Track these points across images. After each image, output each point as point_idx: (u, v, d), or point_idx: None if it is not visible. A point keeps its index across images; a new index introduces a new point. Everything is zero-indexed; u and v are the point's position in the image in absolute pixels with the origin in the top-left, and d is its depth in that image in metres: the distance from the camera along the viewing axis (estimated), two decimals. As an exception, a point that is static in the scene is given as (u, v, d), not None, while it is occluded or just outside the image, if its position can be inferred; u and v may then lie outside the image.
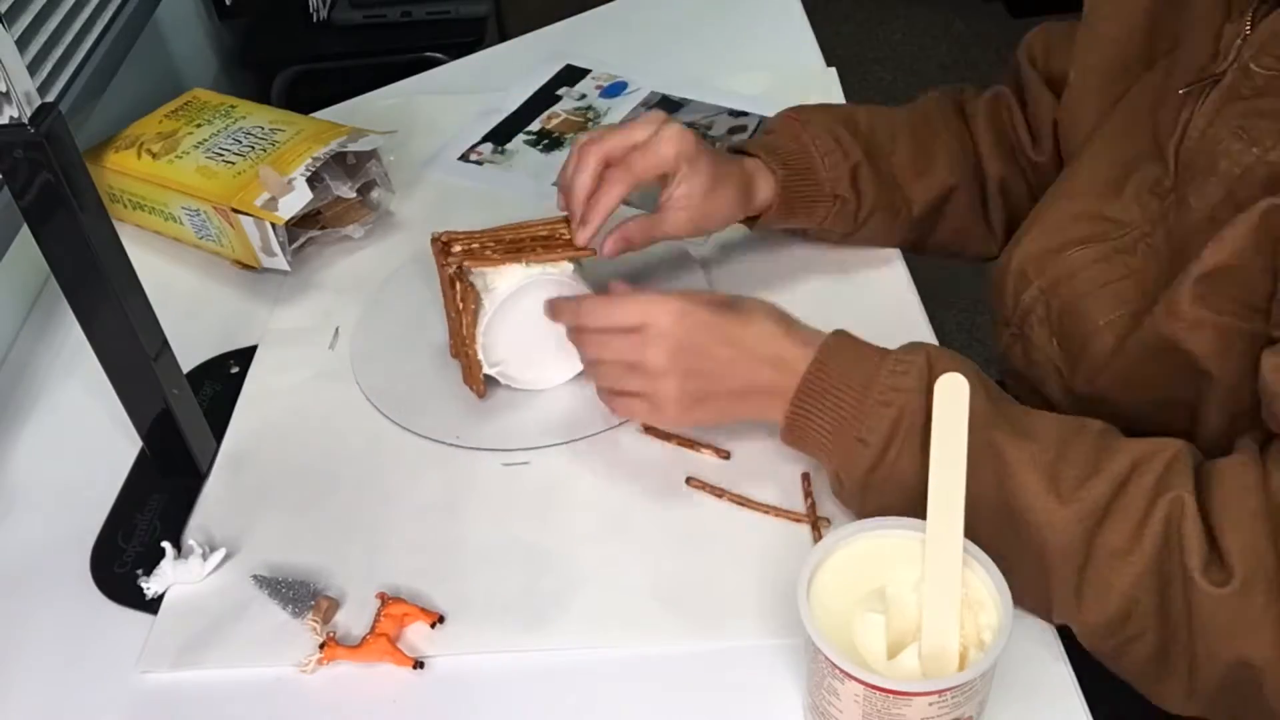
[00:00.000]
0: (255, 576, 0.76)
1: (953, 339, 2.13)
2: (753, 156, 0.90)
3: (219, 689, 0.71)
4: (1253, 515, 0.62)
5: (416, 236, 1.06)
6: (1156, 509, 0.63)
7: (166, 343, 0.80)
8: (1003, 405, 0.70)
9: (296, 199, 0.96)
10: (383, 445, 0.86)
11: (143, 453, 0.86)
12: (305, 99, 1.28)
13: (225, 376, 0.93)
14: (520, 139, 1.18)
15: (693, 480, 0.80)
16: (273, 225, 0.95)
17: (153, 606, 0.76)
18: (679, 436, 0.83)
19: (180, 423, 0.81)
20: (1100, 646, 0.67)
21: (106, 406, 0.84)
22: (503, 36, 2.25)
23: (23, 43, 1.14)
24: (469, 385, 0.87)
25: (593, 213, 0.83)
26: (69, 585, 0.78)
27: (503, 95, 1.25)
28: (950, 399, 0.60)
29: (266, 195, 0.96)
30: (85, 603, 0.77)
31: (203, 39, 1.86)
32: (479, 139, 1.19)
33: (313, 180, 0.98)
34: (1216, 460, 0.66)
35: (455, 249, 0.83)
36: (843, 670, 0.57)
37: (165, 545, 0.77)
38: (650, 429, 0.83)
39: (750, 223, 0.93)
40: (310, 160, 0.99)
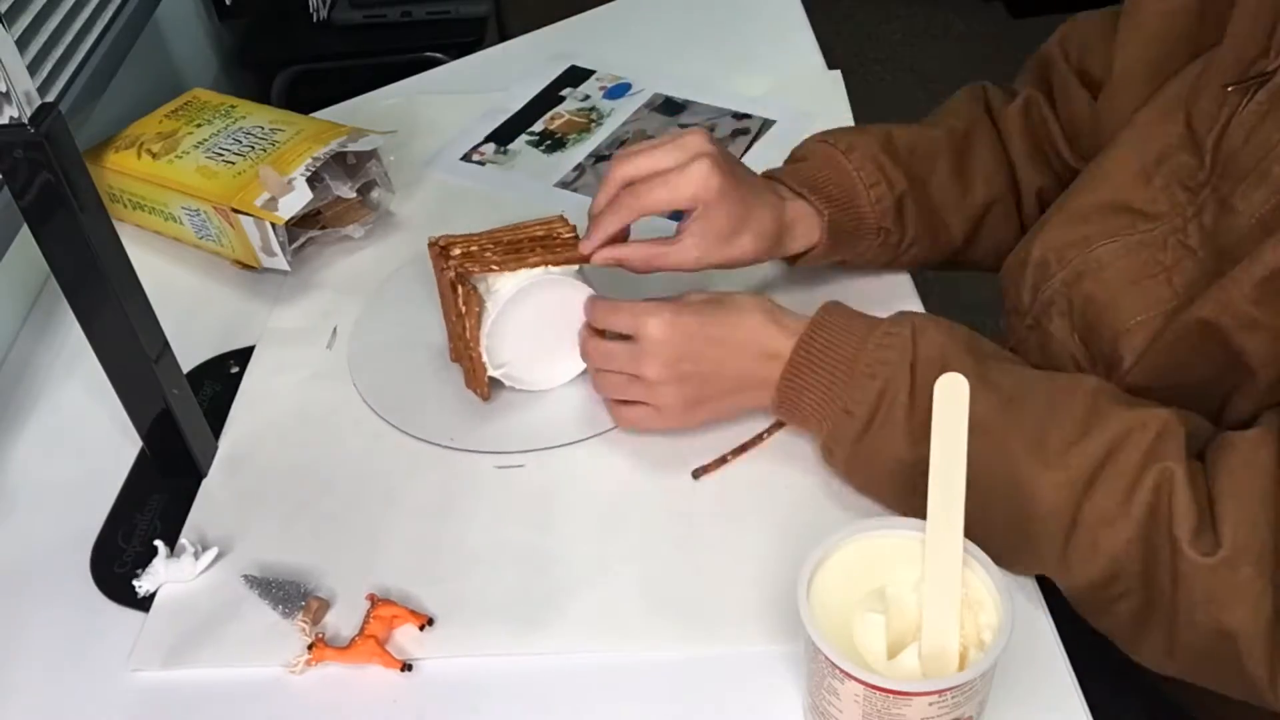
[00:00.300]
0: (246, 576, 0.76)
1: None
2: (795, 194, 0.86)
3: (212, 689, 0.71)
4: (1257, 494, 0.62)
5: (417, 236, 1.06)
6: (1146, 476, 0.64)
7: (167, 344, 0.80)
8: (989, 369, 0.71)
9: (296, 199, 0.96)
10: (378, 446, 0.85)
11: (143, 453, 0.86)
12: (305, 99, 1.28)
13: (225, 376, 0.93)
14: (523, 139, 1.18)
15: (699, 470, 0.80)
16: (273, 225, 0.95)
17: (151, 606, 0.76)
18: (732, 451, 0.82)
19: (180, 423, 0.81)
20: (1083, 604, 0.69)
21: (106, 406, 0.84)
22: (503, 36, 2.25)
23: (23, 43, 1.14)
24: (473, 389, 0.87)
25: (595, 231, 0.82)
26: (69, 585, 0.78)
27: (505, 95, 1.25)
28: (950, 399, 0.60)
29: (266, 195, 0.96)
30: (85, 602, 0.77)
31: (203, 39, 1.86)
32: (481, 139, 1.19)
33: (313, 180, 0.98)
34: (1231, 434, 0.66)
35: (454, 252, 0.83)
36: (842, 670, 0.57)
37: (157, 544, 0.77)
38: (703, 469, 0.81)
39: (791, 260, 0.90)
40: (310, 160, 0.99)
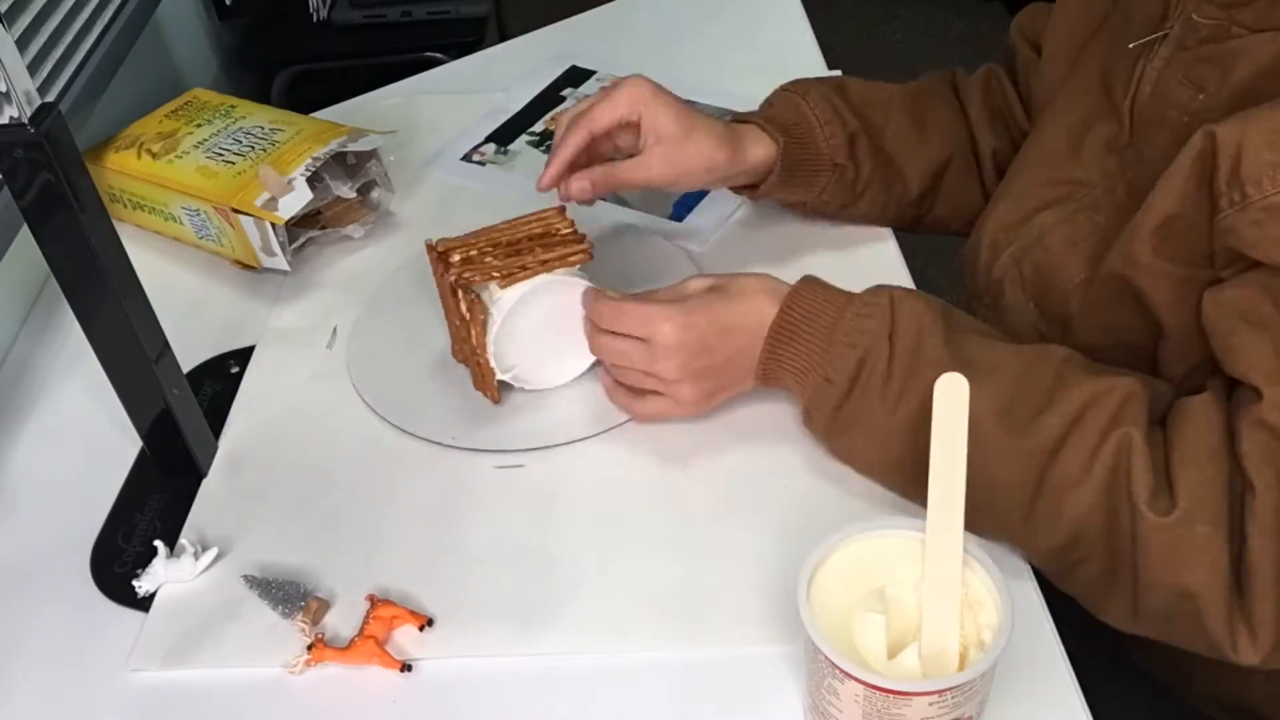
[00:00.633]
0: (246, 576, 0.76)
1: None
2: (749, 122, 0.91)
3: (211, 689, 0.71)
4: (1208, 452, 0.64)
5: (417, 236, 1.06)
6: (1108, 442, 0.66)
7: (167, 344, 0.80)
8: (964, 341, 0.72)
9: (296, 199, 0.96)
10: (378, 446, 0.85)
11: (143, 453, 0.86)
12: (305, 99, 1.28)
13: (225, 376, 0.93)
14: (523, 140, 1.18)
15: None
16: (273, 225, 0.95)
17: (150, 607, 0.76)
18: None
19: (180, 423, 0.81)
20: (1048, 568, 0.70)
21: (106, 406, 0.84)
22: (503, 36, 2.25)
23: (23, 43, 1.14)
24: (482, 392, 0.86)
25: (553, 160, 0.86)
26: (69, 585, 0.78)
27: (506, 95, 1.25)
28: (950, 399, 0.60)
29: (266, 195, 0.96)
30: (85, 602, 0.77)
31: (203, 39, 1.86)
32: (482, 139, 1.19)
33: (313, 180, 0.98)
34: (1185, 398, 0.68)
35: (454, 259, 0.82)
36: (842, 670, 0.57)
37: (157, 544, 0.77)
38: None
39: (749, 192, 0.93)
40: (310, 160, 0.98)
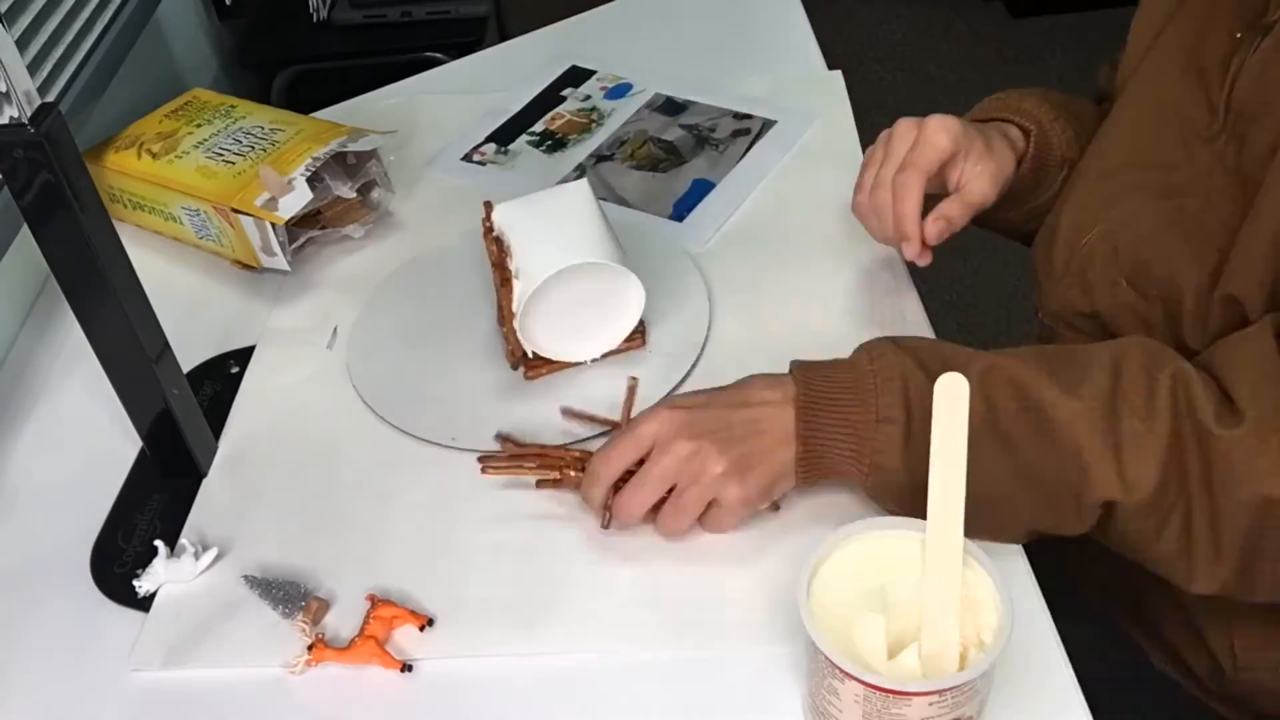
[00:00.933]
0: (246, 576, 0.76)
1: (952, 339, 2.13)
2: (999, 120, 0.90)
3: (211, 689, 0.71)
4: (1266, 371, 0.64)
5: (417, 236, 1.06)
6: (1160, 383, 0.66)
7: (167, 344, 0.80)
8: (970, 348, 0.72)
9: (296, 199, 0.96)
10: (378, 446, 0.85)
11: (143, 453, 0.86)
12: (305, 99, 1.28)
13: (225, 376, 0.93)
14: (523, 139, 1.18)
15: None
16: (273, 225, 0.95)
17: (150, 607, 0.76)
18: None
19: (180, 423, 0.81)
20: (1142, 527, 0.67)
21: (106, 406, 0.84)
22: (503, 36, 2.25)
23: (23, 43, 1.14)
24: (514, 357, 0.87)
25: (904, 224, 0.83)
26: (69, 585, 0.78)
27: (506, 95, 1.25)
28: (950, 399, 0.60)
29: (266, 195, 0.96)
30: (85, 602, 0.77)
31: (203, 39, 1.86)
32: (482, 139, 1.19)
33: (313, 180, 0.98)
34: (1228, 336, 0.69)
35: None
36: (842, 670, 0.57)
37: (158, 544, 0.77)
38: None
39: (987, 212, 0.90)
40: (310, 160, 0.98)
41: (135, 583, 0.76)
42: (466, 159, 1.16)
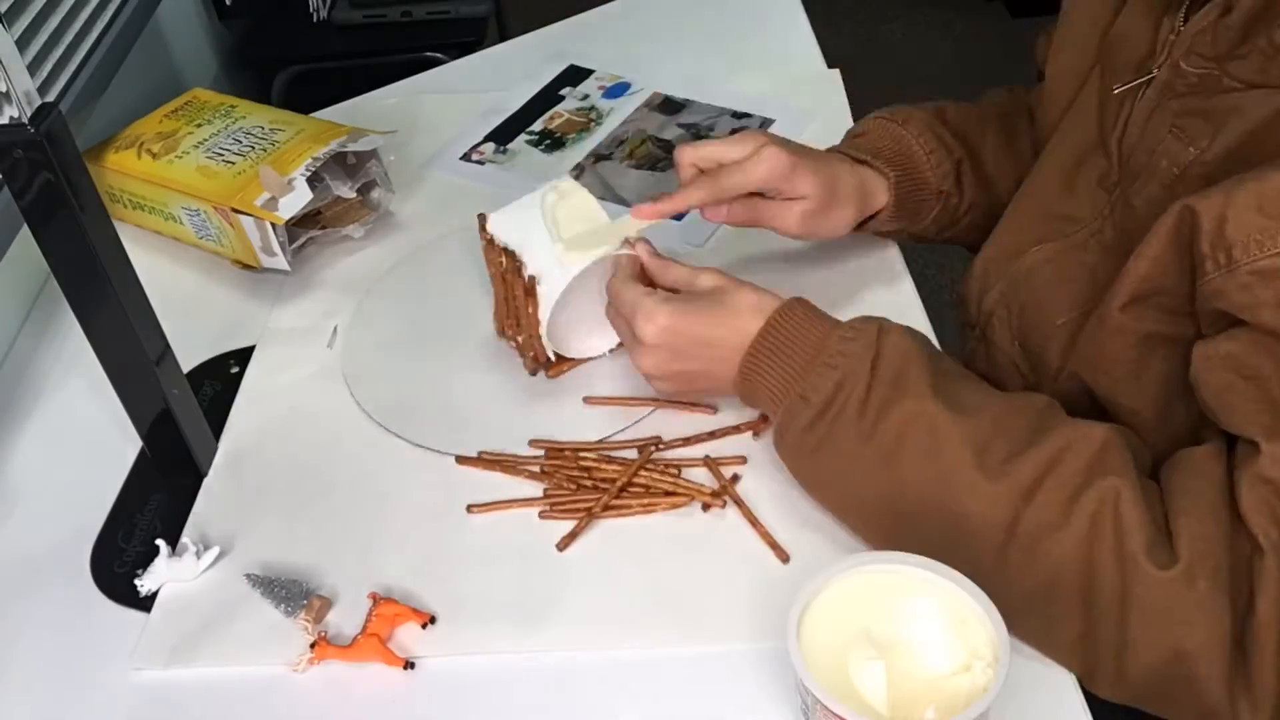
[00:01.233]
0: (248, 575, 0.76)
1: (953, 341, 2.12)
2: (859, 162, 0.89)
3: (211, 687, 0.71)
4: (1209, 506, 0.63)
5: (417, 236, 1.06)
6: (1089, 491, 0.64)
7: (167, 344, 0.80)
8: (948, 380, 0.71)
9: (296, 199, 0.96)
10: (380, 445, 0.85)
11: (143, 453, 0.86)
12: (305, 99, 1.28)
13: (225, 376, 0.93)
14: (522, 139, 1.18)
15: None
16: (273, 225, 0.95)
17: (152, 605, 0.76)
18: (671, 401, 0.85)
19: (180, 423, 0.81)
20: (1023, 623, 0.66)
21: (106, 406, 0.84)
22: (503, 36, 2.25)
23: (23, 43, 1.14)
24: (529, 361, 0.88)
25: (665, 202, 0.84)
26: (69, 585, 0.78)
27: (505, 95, 1.25)
28: None
29: (266, 195, 0.96)
30: (85, 602, 0.77)
31: (203, 39, 1.86)
32: (481, 139, 1.19)
33: (313, 180, 0.98)
34: (1184, 450, 0.67)
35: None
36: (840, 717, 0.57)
37: (159, 543, 0.77)
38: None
39: (856, 228, 0.92)
40: (310, 160, 0.98)
41: (137, 581, 0.76)
42: (466, 158, 1.16)
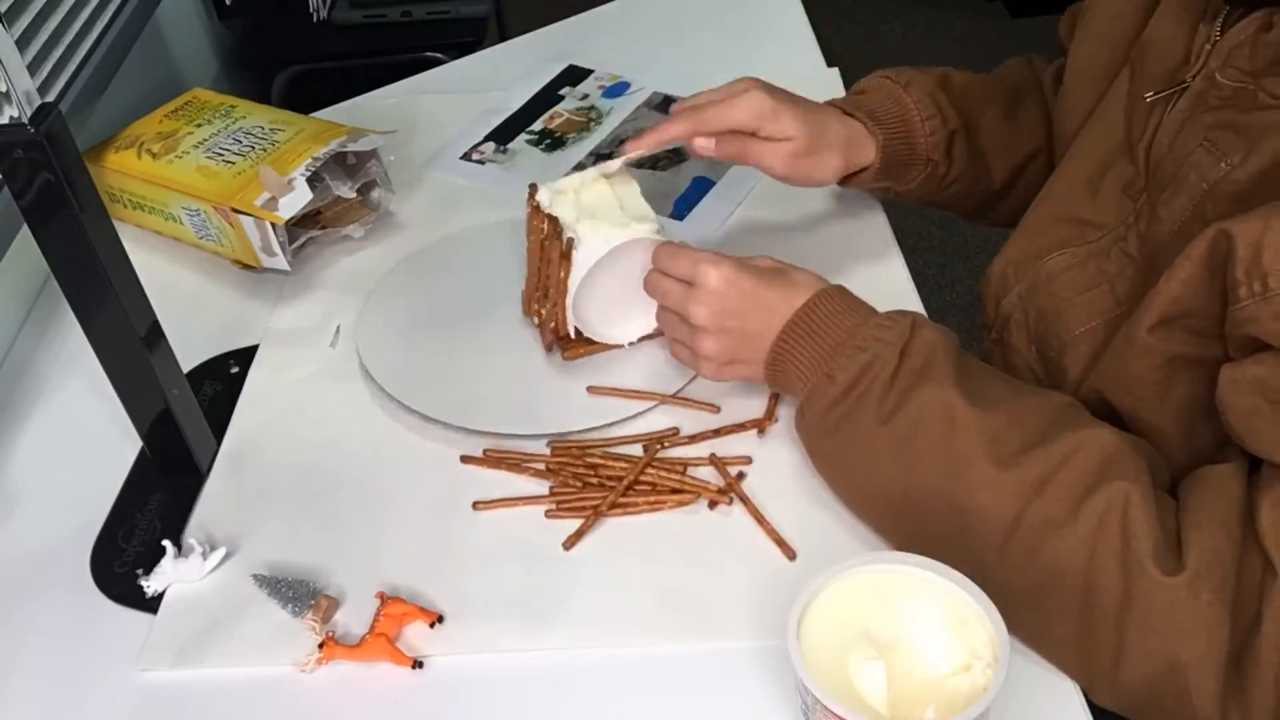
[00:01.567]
0: (255, 575, 0.76)
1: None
2: (853, 118, 0.90)
3: (218, 688, 0.71)
4: (1221, 520, 0.62)
5: (417, 236, 1.06)
6: (1099, 492, 0.64)
7: (167, 344, 0.79)
8: (972, 374, 0.72)
9: (296, 199, 0.96)
10: (383, 445, 0.85)
11: (143, 453, 0.86)
12: (305, 99, 1.28)
13: (225, 376, 0.93)
14: (522, 139, 1.18)
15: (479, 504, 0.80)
16: (273, 225, 0.95)
17: (153, 606, 0.76)
18: (673, 398, 0.85)
19: (180, 422, 0.81)
20: (1020, 619, 0.65)
21: (106, 406, 0.84)
22: (503, 36, 2.25)
23: (23, 43, 1.14)
24: (550, 341, 0.88)
25: (649, 134, 0.85)
26: (69, 585, 0.78)
27: (505, 95, 1.25)
28: None
29: (266, 195, 0.96)
30: (85, 602, 0.77)
31: (203, 39, 1.86)
32: (481, 138, 1.19)
33: (313, 180, 0.98)
34: (1206, 466, 0.67)
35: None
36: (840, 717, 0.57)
37: (166, 544, 0.77)
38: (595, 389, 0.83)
39: (843, 181, 0.93)
40: (310, 160, 0.98)
41: (143, 582, 0.76)
42: (466, 158, 1.16)
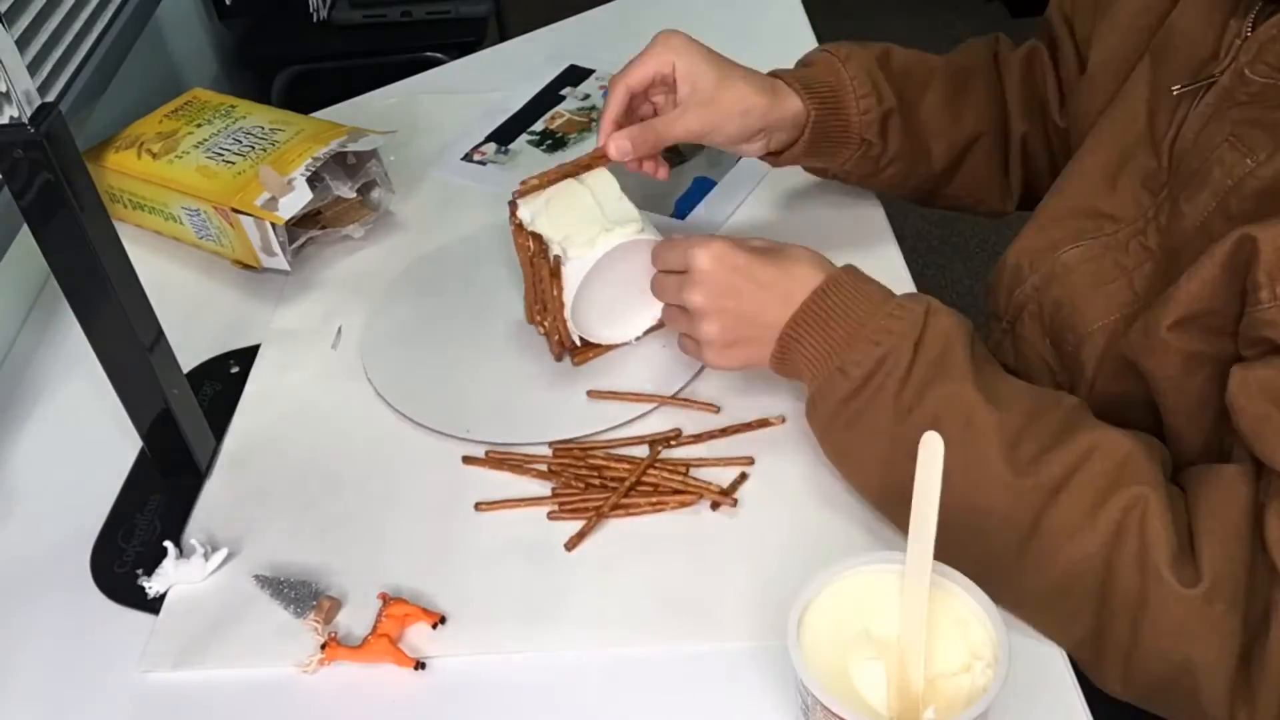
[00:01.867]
0: (257, 576, 0.76)
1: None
2: (789, 87, 0.89)
3: (220, 689, 0.71)
4: (1234, 529, 0.62)
5: (417, 237, 1.06)
6: (1115, 496, 0.64)
7: (167, 344, 0.79)
8: (986, 369, 0.71)
9: (296, 199, 0.96)
10: (385, 445, 0.85)
11: (143, 453, 0.86)
12: (305, 99, 1.28)
13: (225, 376, 0.93)
14: (523, 139, 1.18)
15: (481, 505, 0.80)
16: (273, 225, 0.95)
17: (153, 606, 0.76)
18: (674, 399, 0.85)
19: (180, 422, 0.81)
20: (1036, 619, 0.68)
21: (106, 406, 0.84)
22: (503, 36, 2.25)
23: (23, 43, 1.14)
24: (557, 348, 0.88)
25: (602, 122, 0.86)
26: (69, 585, 0.78)
27: (506, 95, 1.25)
28: (929, 456, 0.59)
29: (266, 195, 0.96)
30: (85, 603, 0.77)
31: (203, 39, 1.86)
32: (482, 139, 1.19)
33: (313, 180, 0.98)
34: (1213, 465, 0.67)
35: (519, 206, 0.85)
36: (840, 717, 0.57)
37: (167, 545, 0.77)
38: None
39: (771, 159, 0.92)
40: (310, 160, 0.98)
41: (145, 583, 0.76)
42: (466, 159, 1.16)
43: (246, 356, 0.95)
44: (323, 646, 0.71)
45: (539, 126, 1.20)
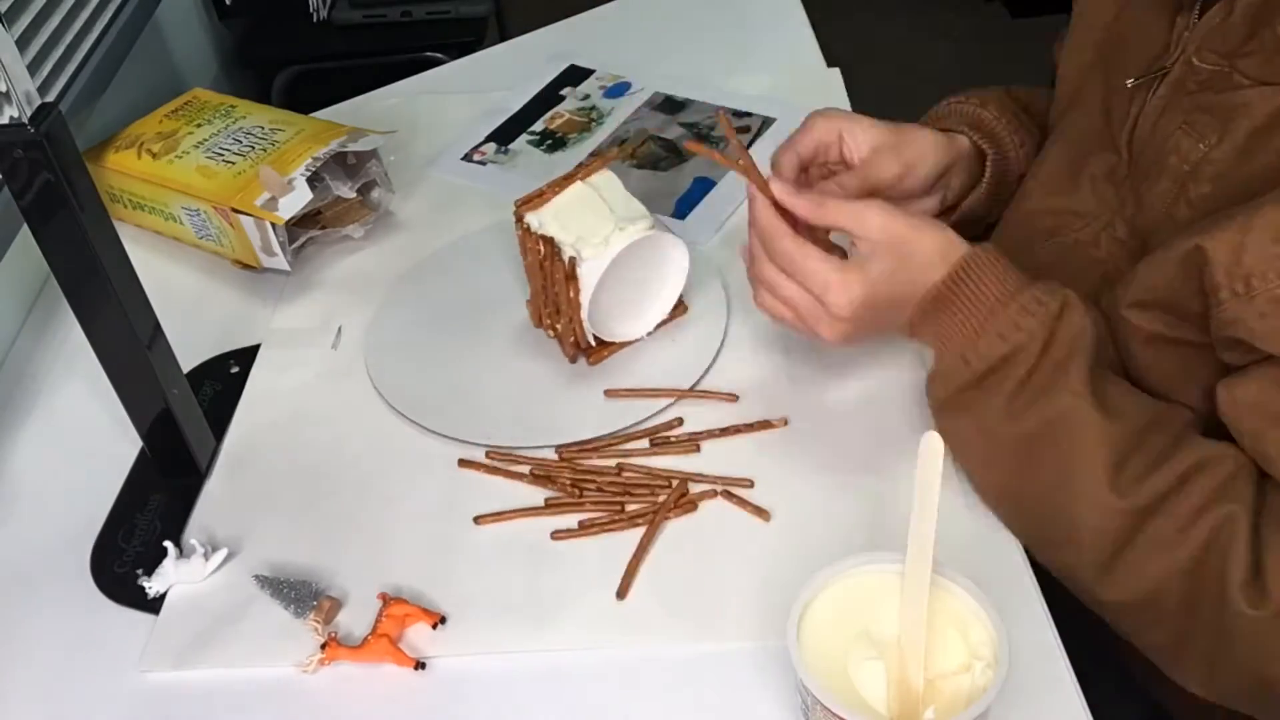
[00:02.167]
0: (257, 576, 0.76)
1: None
2: (956, 131, 0.88)
3: (220, 689, 0.71)
4: None
5: (417, 237, 1.06)
6: (1208, 515, 0.64)
7: (167, 344, 0.79)
8: (1102, 378, 0.70)
9: (296, 199, 0.96)
10: (385, 445, 0.85)
11: (143, 453, 0.86)
12: (305, 99, 1.28)
13: (225, 376, 0.93)
14: (523, 139, 1.18)
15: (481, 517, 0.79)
16: (273, 225, 0.95)
17: (153, 606, 0.76)
18: (692, 393, 0.85)
19: (180, 422, 0.81)
20: (1116, 622, 0.69)
21: (106, 406, 0.84)
22: (503, 36, 2.25)
23: (23, 43, 1.14)
24: (569, 349, 0.88)
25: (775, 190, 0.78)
26: (69, 585, 0.78)
27: (506, 95, 1.25)
28: (930, 456, 0.59)
29: (266, 195, 0.96)
30: (85, 603, 0.77)
31: (203, 39, 1.86)
32: (482, 139, 1.19)
33: (313, 180, 0.98)
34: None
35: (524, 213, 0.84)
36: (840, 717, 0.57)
37: (167, 545, 0.77)
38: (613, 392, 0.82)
39: (947, 215, 0.89)
40: (310, 160, 0.98)
41: (145, 583, 0.76)
42: (467, 159, 1.16)
43: (246, 356, 0.95)
44: (323, 646, 0.71)
45: (539, 126, 1.20)
